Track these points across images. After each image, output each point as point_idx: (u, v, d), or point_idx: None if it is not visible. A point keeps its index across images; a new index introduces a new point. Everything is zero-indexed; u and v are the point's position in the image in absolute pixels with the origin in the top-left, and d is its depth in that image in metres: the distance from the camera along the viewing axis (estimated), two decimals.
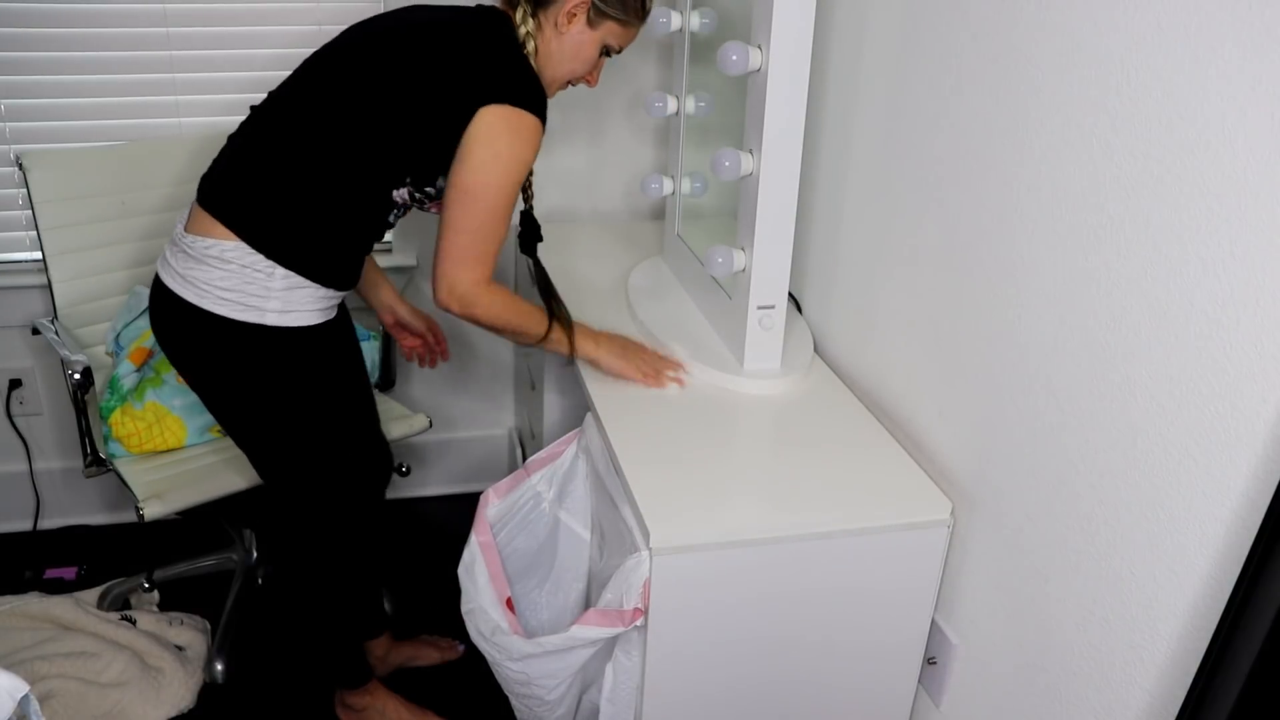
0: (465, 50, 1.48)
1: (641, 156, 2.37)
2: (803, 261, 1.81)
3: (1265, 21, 0.85)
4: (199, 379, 1.57)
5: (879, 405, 1.57)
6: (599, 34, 1.56)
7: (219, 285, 1.46)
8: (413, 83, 1.45)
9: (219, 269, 1.46)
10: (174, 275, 1.50)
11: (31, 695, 0.96)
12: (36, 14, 1.98)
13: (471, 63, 1.46)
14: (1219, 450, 0.93)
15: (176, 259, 1.50)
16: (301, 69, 1.53)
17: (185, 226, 1.52)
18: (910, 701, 1.47)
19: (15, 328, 2.20)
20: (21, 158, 1.88)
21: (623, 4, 1.56)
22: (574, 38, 1.55)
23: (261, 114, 1.52)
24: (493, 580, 1.46)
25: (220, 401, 1.59)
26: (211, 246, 1.46)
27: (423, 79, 1.45)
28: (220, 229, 1.46)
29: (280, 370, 1.53)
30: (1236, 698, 0.87)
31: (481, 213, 1.47)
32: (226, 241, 1.46)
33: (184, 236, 1.50)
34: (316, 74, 1.50)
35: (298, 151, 1.46)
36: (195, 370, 1.56)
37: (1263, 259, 0.87)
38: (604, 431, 1.45)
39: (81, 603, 2.05)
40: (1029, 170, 1.18)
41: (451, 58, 1.46)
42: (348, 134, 1.46)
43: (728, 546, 1.27)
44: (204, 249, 1.47)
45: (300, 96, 1.49)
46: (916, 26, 1.40)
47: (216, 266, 1.46)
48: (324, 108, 1.46)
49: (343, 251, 1.53)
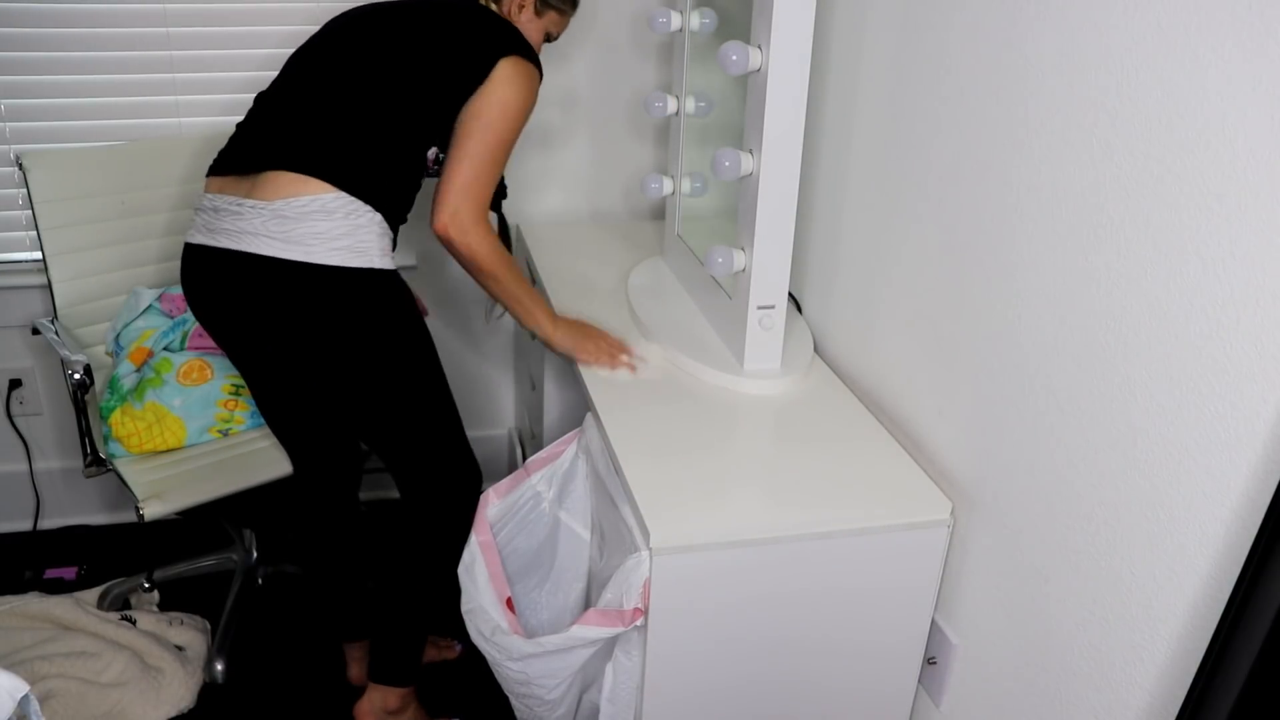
0: (475, 18, 1.63)
1: (641, 156, 2.37)
2: (803, 261, 1.81)
3: (1265, 21, 0.85)
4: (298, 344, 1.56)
5: (879, 405, 1.57)
6: (543, 23, 1.75)
7: (329, 237, 1.51)
8: (439, 45, 1.58)
9: (325, 221, 1.51)
10: (266, 242, 1.50)
11: (31, 695, 0.97)
12: (36, 14, 1.98)
13: (484, 26, 1.62)
14: (1219, 450, 0.93)
15: (264, 226, 1.50)
16: (304, 51, 1.63)
17: (262, 195, 1.52)
18: (910, 701, 1.47)
19: (15, 328, 2.20)
20: (21, 158, 1.88)
21: None
22: (523, 26, 1.72)
23: (286, 91, 1.60)
24: (492, 580, 1.46)
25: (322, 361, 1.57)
26: (311, 202, 1.50)
27: (446, 41, 1.58)
28: (315, 184, 1.51)
29: (391, 312, 1.59)
30: (1236, 698, 0.87)
31: (493, 143, 1.58)
32: (326, 194, 1.51)
33: (269, 204, 1.51)
34: (346, 42, 1.60)
35: (356, 109, 1.55)
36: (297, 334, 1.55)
37: (1263, 259, 0.87)
38: (604, 431, 1.45)
39: (81, 603, 2.05)
40: (1029, 170, 1.18)
41: (466, 23, 1.62)
42: (388, 97, 1.56)
43: (728, 546, 1.27)
44: (303, 207, 1.50)
45: (338, 62, 1.59)
46: (916, 26, 1.40)
47: (323, 219, 1.50)
48: (358, 75, 1.57)
49: (405, 197, 1.63)
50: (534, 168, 2.33)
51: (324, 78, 1.59)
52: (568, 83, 2.27)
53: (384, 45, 1.59)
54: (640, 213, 2.44)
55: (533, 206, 2.36)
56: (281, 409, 1.78)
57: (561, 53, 2.24)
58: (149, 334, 1.94)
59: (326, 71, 1.59)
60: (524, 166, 2.31)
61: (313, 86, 1.59)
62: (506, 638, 1.38)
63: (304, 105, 1.58)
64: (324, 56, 1.61)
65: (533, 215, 2.37)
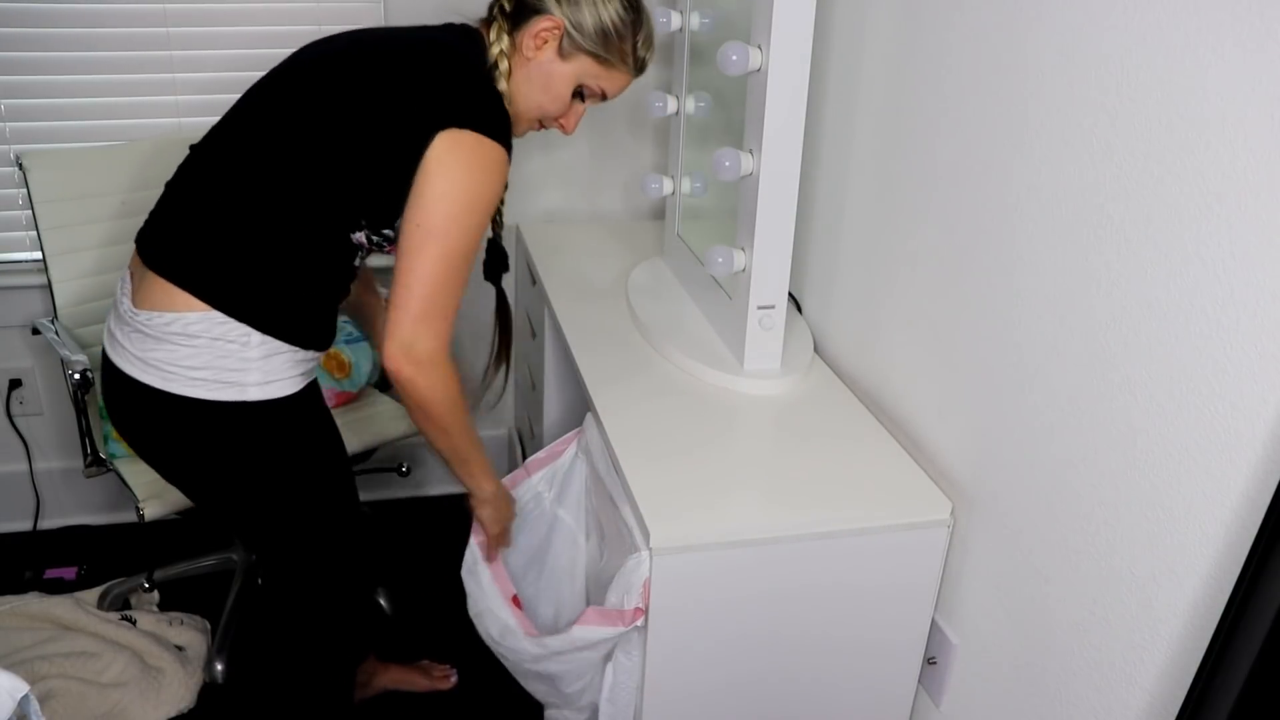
0: (418, 70, 1.30)
1: (641, 156, 2.37)
2: (803, 261, 1.81)
3: (1265, 21, 0.85)
4: (172, 467, 1.41)
5: (879, 405, 1.57)
6: (572, 69, 1.39)
7: (188, 365, 1.28)
8: (359, 108, 1.29)
9: (186, 346, 1.27)
10: (130, 359, 1.31)
11: (31, 695, 0.97)
12: (36, 14, 1.98)
13: (425, 84, 1.29)
14: (1219, 450, 0.93)
15: (130, 340, 1.31)
16: (244, 100, 1.37)
17: (134, 300, 1.32)
18: (910, 701, 1.47)
19: (15, 328, 2.20)
20: (21, 158, 1.88)
21: (603, 39, 1.38)
22: (543, 67, 1.38)
23: (204, 155, 1.35)
24: (496, 580, 1.46)
25: (199, 487, 1.43)
26: (174, 321, 1.27)
27: (370, 103, 1.28)
28: (182, 298, 1.28)
29: (266, 447, 1.37)
30: (1236, 698, 0.87)
31: (441, 256, 1.27)
32: (191, 313, 1.27)
33: (136, 314, 1.30)
34: (260, 105, 1.34)
35: (249, 197, 1.29)
36: (167, 458, 1.39)
37: (1263, 259, 0.87)
38: (604, 431, 1.45)
39: (81, 603, 2.05)
40: (1029, 170, 1.18)
41: (402, 79, 1.29)
42: (295, 172, 1.29)
43: (728, 546, 1.27)
44: (164, 326, 1.28)
45: (244, 132, 1.33)
46: (916, 26, 1.40)
47: (183, 344, 1.27)
48: (269, 143, 1.30)
49: (315, 306, 1.36)
50: (534, 167, 2.33)
51: (230, 148, 1.33)
52: None
53: (305, 106, 1.30)
54: (640, 213, 2.44)
55: (532, 206, 2.36)
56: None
57: None
58: None
59: (236, 138, 1.33)
60: (524, 166, 2.31)
61: (216, 158, 1.33)
62: (517, 640, 1.37)
63: (199, 185, 1.33)
64: (242, 116, 1.35)
65: (532, 215, 2.37)
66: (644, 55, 1.45)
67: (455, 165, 1.27)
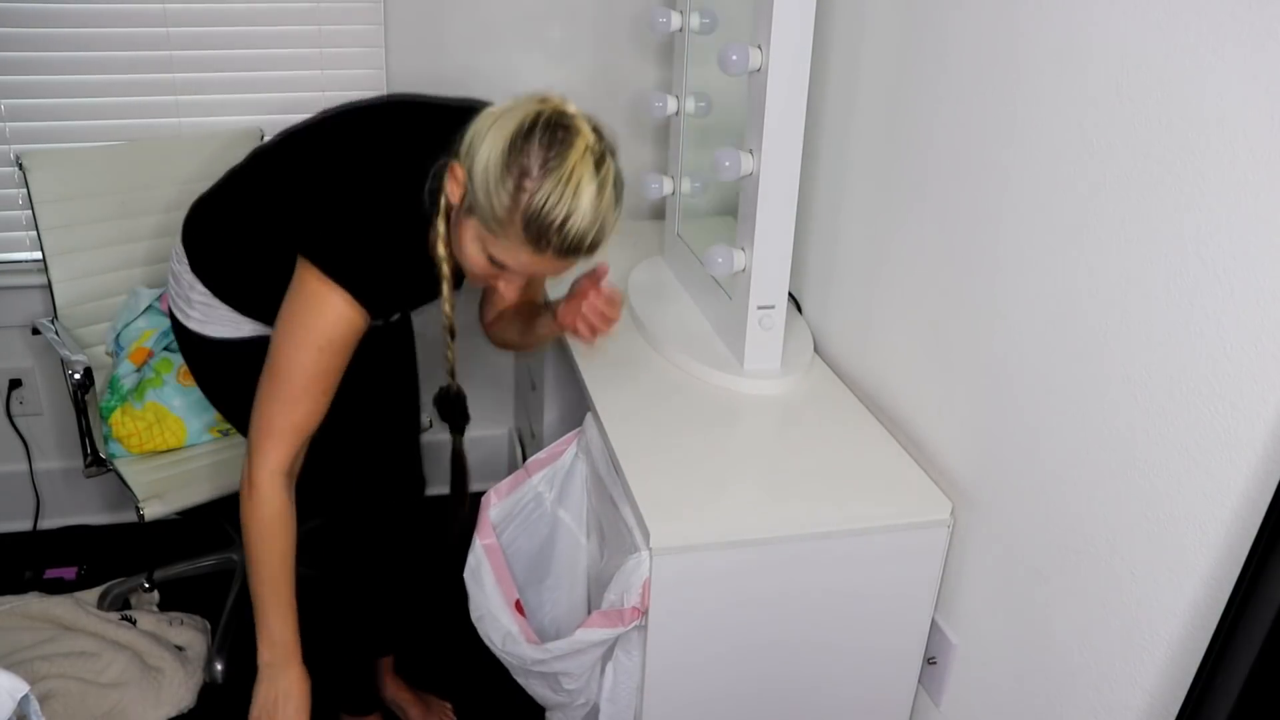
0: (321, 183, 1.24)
1: (641, 156, 2.37)
2: (803, 261, 1.81)
3: (1265, 21, 0.85)
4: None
5: (879, 405, 1.57)
6: (473, 229, 1.16)
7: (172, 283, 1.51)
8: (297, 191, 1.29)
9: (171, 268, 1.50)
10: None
11: (31, 695, 0.96)
12: (36, 14, 1.98)
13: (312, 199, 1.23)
14: (1219, 450, 0.93)
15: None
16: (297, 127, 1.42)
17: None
18: (910, 701, 1.47)
19: (15, 328, 2.20)
20: (21, 158, 1.88)
21: (488, 200, 1.10)
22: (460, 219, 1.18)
23: (252, 158, 1.46)
24: (500, 583, 1.46)
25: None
26: (175, 249, 1.50)
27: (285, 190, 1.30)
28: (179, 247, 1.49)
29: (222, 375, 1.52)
30: (1236, 698, 0.87)
31: (270, 377, 1.22)
32: (179, 246, 1.48)
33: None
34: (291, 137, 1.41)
35: (250, 205, 1.40)
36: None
37: (1263, 259, 0.87)
38: (604, 431, 1.45)
39: (81, 603, 2.05)
40: (1029, 170, 1.18)
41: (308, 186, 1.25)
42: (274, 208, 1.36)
43: (728, 546, 1.27)
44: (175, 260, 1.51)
45: (274, 153, 1.41)
46: (916, 26, 1.40)
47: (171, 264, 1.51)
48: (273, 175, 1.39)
49: (259, 300, 1.39)
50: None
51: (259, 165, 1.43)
52: (568, 82, 2.26)
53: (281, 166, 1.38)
54: (640, 213, 2.44)
55: None
56: None
57: (562, 51, 2.24)
58: (149, 334, 1.94)
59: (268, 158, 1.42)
60: None
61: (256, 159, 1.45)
62: (518, 645, 1.37)
63: (233, 178, 1.46)
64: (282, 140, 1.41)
65: None
66: (548, 235, 1.10)
67: (294, 296, 1.22)
